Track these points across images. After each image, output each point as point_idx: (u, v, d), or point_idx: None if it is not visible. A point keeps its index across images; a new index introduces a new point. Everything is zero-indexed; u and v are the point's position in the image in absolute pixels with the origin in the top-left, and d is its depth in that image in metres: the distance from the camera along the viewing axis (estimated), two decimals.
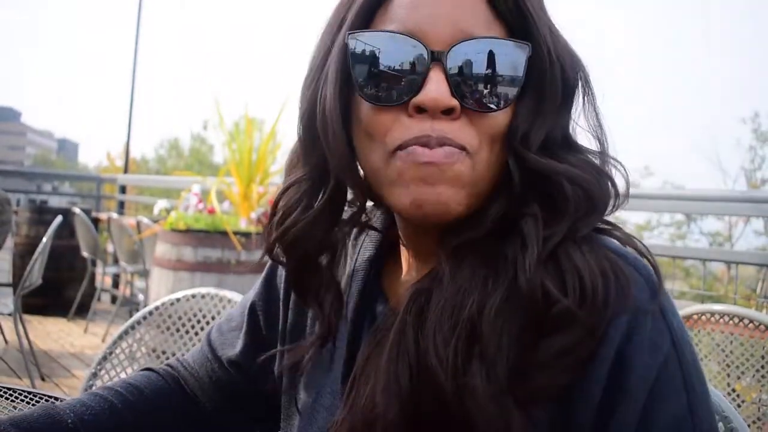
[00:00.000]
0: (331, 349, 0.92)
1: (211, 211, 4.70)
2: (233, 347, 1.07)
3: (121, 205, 9.26)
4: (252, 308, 1.06)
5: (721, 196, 4.40)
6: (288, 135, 5.69)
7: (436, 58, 0.73)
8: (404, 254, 0.90)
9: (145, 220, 6.37)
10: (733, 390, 2.27)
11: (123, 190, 9.46)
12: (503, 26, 0.75)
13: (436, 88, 0.72)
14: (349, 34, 0.76)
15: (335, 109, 0.77)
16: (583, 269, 0.69)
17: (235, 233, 4.34)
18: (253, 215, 4.69)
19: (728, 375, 2.28)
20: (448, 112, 0.73)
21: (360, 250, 0.95)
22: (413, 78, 0.73)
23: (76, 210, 6.94)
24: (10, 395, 1.39)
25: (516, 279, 0.71)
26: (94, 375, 1.75)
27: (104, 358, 1.76)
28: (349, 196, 0.85)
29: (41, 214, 7.14)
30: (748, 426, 1.11)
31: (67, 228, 6.76)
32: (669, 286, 4.38)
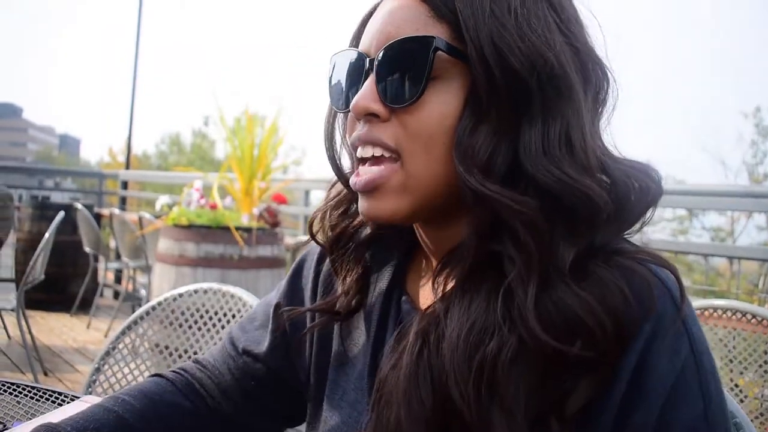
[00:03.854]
0: (356, 346, 0.95)
1: (213, 207, 4.70)
2: (259, 345, 1.07)
3: (123, 201, 9.28)
4: (278, 308, 1.08)
5: (723, 191, 4.38)
6: (288, 131, 5.70)
7: (371, 66, 0.80)
8: (423, 254, 0.94)
9: (147, 215, 6.37)
10: (736, 385, 2.27)
11: (125, 185, 9.47)
12: (443, 25, 0.76)
13: (360, 94, 0.79)
14: (333, 55, 0.88)
15: (327, 121, 0.92)
16: (582, 310, 0.68)
17: (237, 229, 4.34)
18: (255, 211, 4.69)
19: (731, 370, 2.28)
20: (374, 116, 0.78)
21: (384, 251, 0.98)
22: (357, 86, 0.82)
23: (78, 206, 6.94)
24: (14, 390, 1.39)
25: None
26: (98, 370, 1.75)
27: (107, 353, 1.76)
28: None
29: (43, 209, 7.15)
30: (751, 421, 1.11)
31: (70, 224, 6.77)
32: None
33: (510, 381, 0.68)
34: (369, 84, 0.79)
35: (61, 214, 4.87)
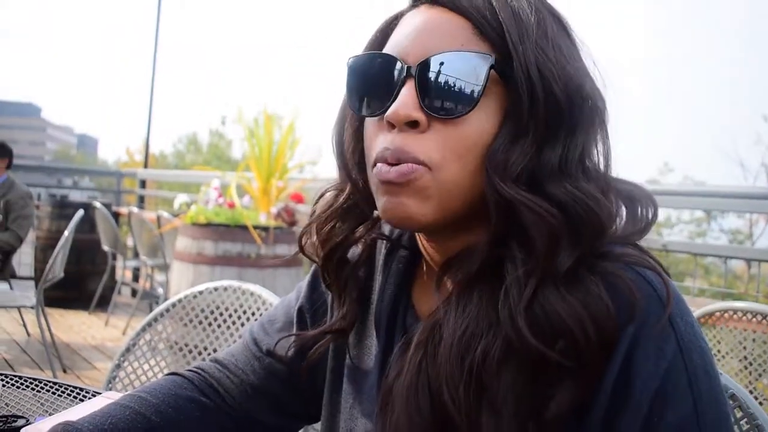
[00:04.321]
0: (367, 358, 0.96)
1: (231, 206, 4.72)
2: (284, 348, 1.06)
3: (141, 200, 9.33)
4: (300, 312, 1.08)
5: (742, 193, 4.35)
6: (306, 132, 5.72)
7: (410, 73, 0.78)
8: (426, 266, 0.94)
9: (165, 214, 6.41)
10: (755, 388, 2.26)
11: (143, 184, 9.52)
12: (487, 44, 0.78)
13: (399, 101, 0.78)
14: (349, 58, 0.86)
15: (339, 126, 0.92)
16: (567, 314, 0.69)
17: (255, 227, 4.36)
18: (273, 210, 4.71)
19: (750, 373, 2.27)
20: (413, 125, 0.77)
21: (394, 261, 0.98)
22: (389, 92, 0.79)
23: (97, 204, 7.00)
24: (36, 386, 1.41)
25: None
26: (118, 366, 1.76)
27: (127, 350, 1.78)
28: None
29: (62, 208, 7.21)
30: None
31: (88, 222, 6.82)
32: (689, 283, 4.35)
33: (499, 382, 0.70)
34: (409, 92, 0.77)
35: (80, 212, 4.91)
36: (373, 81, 0.83)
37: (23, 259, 7.68)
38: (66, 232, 4.62)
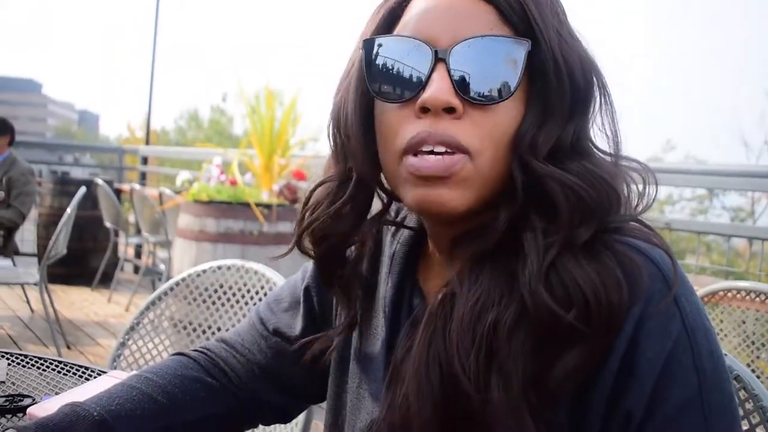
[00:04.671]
0: (374, 338, 0.95)
1: (233, 183, 4.72)
2: (291, 328, 1.07)
3: (143, 176, 9.32)
4: (307, 291, 1.08)
5: (743, 171, 4.33)
6: (308, 108, 5.69)
7: (440, 58, 0.76)
8: (432, 248, 0.93)
9: (167, 191, 6.41)
10: (757, 367, 2.27)
11: (144, 161, 9.51)
12: (509, 28, 0.78)
13: (436, 87, 0.75)
14: (364, 40, 0.82)
15: (355, 113, 0.85)
16: (582, 281, 0.71)
17: (257, 205, 4.36)
18: (275, 187, 4.70)
19: (752, 352, 2.28)
20: (450, 111, 0.76)
21: (398, 243, 0.98)
22: (419, 78, 0.77)
23: (99, 181, 7.00)
24: (42, 364, 1.41)
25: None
26: (122, 345, 1.77)
27: (132, 329, 1.78)
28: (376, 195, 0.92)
29: (64, 185, 7.22)
30: None
31: (90, 199, 6.83)
32: (692, 261, 4.35)
33: (509, 346, 0.71)
34: (443, 77, 0.76)
35: (83, 189, 4.90)
36: (396, 66, 0.80)
37: (26, 236, 7.70)
38: (68, 210, 4.62)
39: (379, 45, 0.81)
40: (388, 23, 0.84)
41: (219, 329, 1.87)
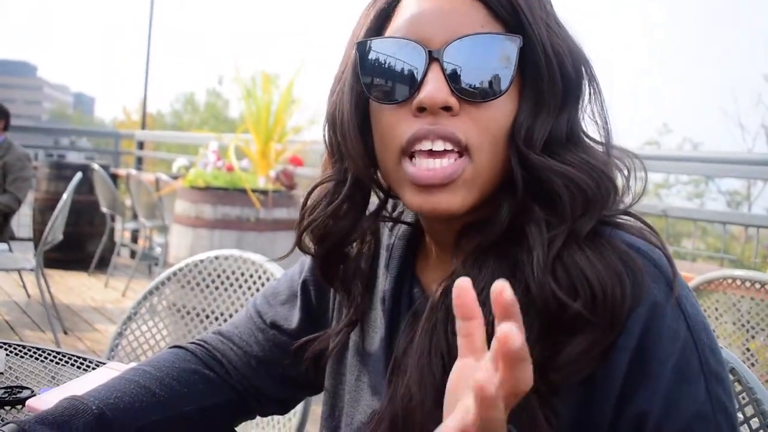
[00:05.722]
0: (373, 332, 0.96)
1: (230, 169, 4.71)
2: (288, 321, 1.08)
3: (139, 161, 9.29)
4: (304, 285, 1.09)
5: (739, 159, 4.34)
6: (305, 92, 5.66)
7: (434, 58, 0.78)
8: (429, 242, 0.94)
9: (164, 176, 6.40)
10: (748, 349, 2.30)
11: (141, 145, 9.48)
12: (500, 25, 0.79)
13: (432, 86, 0.77)
14: (357, 43, 0.83)
15: (350, 114, 0.86)
16: (588, 271, 0.72)
17: (254, 191, 4.36)
18: (272, 173, 4.69)
19: (746, 332, 2.30)
20: (447, 109, 0.77)
21: (395, 238, 0.99)
22: (414, 78, 0.79)
23: (95, 166, 6.97)
24: (40, 355, 1.41)
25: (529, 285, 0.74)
26: (120, 334, 1.78)
27: (129, 318, 1.79)
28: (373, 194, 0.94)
29: (60, 169, 7.20)
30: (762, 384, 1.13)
31: (87, 183, 6.81)
32: (688, 244, 4.37)
33: None
34: (439, 77, 0.77)
35: (78, 175, 4.89)
36: (391, 67, 0.81)
37: (22, 221, 7.69)
38: (64, 196, 4.62)
39: (373, 47, 0.82)
40: (379, 24, 0.85)
41: (217, 318, 1.87)
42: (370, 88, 0.83)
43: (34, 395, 1.16)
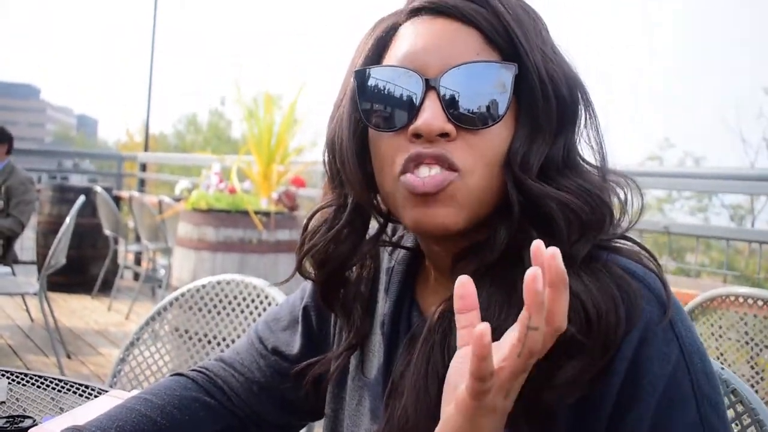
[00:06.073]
0: (372, 356, 0.97)
1: (232, 191, 4.71)
2: (290, 347, 1.08)
3: (142, 183, 9.32)
4: (305, 311, 1.09)
5: (741, 175, 4.34)
6: (307, 113, 5.68)
7: (431, 86, 0.79)
8: (429, 266, 0.95)
9: (167, 199, 6.41)
10: (756, 364, 2.28)
11: (143, 168, 9.51)
12: (496, 51, 0.80)
13: (429, 114, 0.78)
14: (356, 71, 0.85)
15: (349, 141, 0.87)
16: (584, 296, 0.73)
17: (256, 213, 4.36)
18: (274, 194, 4.70)
19: (752, 348, 2.28)
20: (444, 136, 0.78)
21: (395, 262, 0.99)
22: (411, 106, 0.80)
23: (98, 188, 7.00)
24: (42, 383, 1.41)
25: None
26: (122, 360, 1.78)
27: (131, 344, 1.79)
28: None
29: (63, 192, 7.22)
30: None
31: (90, 206, 6.82)
32: (691, 259, 4.36)
33: None
34: (435, 104, 0.78)
35: (81, 198, 4.90)
36: (389, 95, 0.82)
37: (25, 244, 7.69)
38: (67, 219, 4.62)
39: (371, 75, 0.84)
40: (377, 53, 0.86)
41: (219, 343, 1.87)
42: (368, 115, 0.84)
43: (36, 424, 1.16)
